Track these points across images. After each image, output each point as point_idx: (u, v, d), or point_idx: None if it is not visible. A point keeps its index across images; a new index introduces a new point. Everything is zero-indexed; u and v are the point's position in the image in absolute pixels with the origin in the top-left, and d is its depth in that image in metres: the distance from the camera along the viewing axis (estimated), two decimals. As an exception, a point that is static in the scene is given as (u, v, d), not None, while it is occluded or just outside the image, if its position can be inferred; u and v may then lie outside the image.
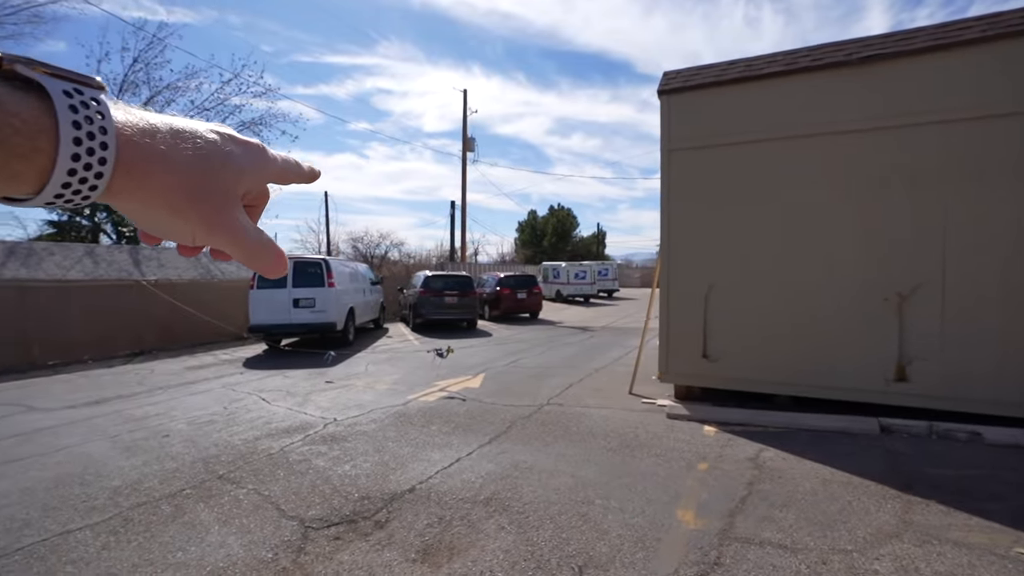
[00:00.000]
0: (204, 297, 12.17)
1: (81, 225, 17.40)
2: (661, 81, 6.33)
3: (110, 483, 3.92)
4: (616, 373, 7.79)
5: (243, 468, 4.19)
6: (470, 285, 15.14)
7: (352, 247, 36.64)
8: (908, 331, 5.09)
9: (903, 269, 5.11)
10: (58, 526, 3.27)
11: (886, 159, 5.18)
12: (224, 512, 3.42)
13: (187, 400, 6.63)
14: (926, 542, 2.88)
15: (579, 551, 2.87)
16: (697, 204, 6.04)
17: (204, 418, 5.71)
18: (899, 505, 3.34)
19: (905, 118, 5.09)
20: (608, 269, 31.02)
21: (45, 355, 9.52)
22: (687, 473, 3.96)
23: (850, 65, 5.30)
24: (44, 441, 5.01)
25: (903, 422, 4.85)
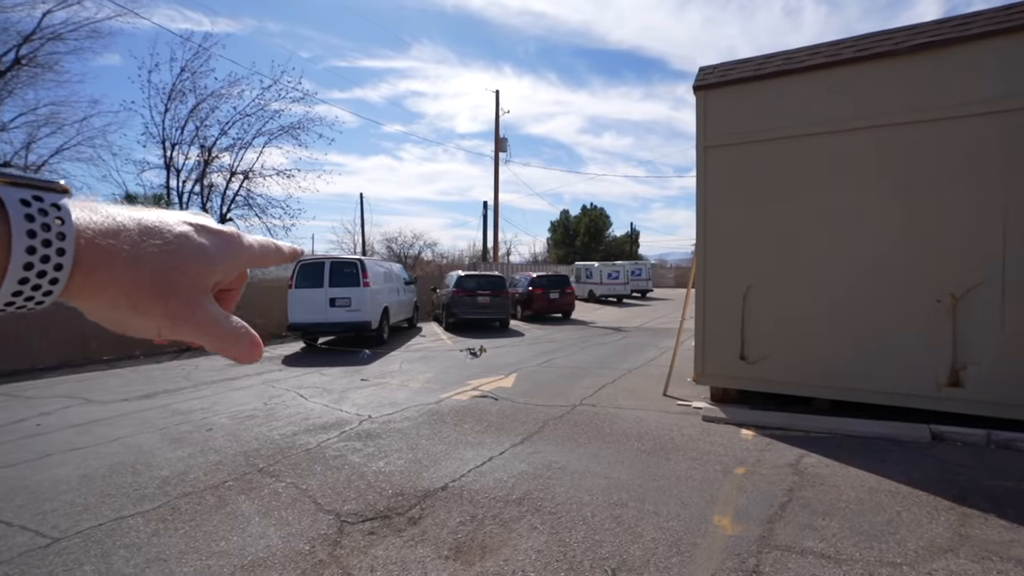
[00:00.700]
0: (245, 296, 12.52)
1: (132, 228, 18.38)
2: (697, 77, 6.20)
3: (159, 473, 4.11)
4: (650, 374, 7.67)
5: (282, 462, 4.31)
6: (503, 285, 15.18)
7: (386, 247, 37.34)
8: (963, 334, 4.81)
9: (957, 269, 4.84)
10: (113, 512, 3.45)
11: (939, 153, 4.92)
12: (264, 504, 3.53)
13: (229, 395, 6.89)
14: (985, 558, 2.72)
15: (612, 553, 2.83)
16: (734, 202, 5.88)
17: (245, 413, 5.92)
18: (954, 518, 3.16)
19: (960, 109, 4.82)
20: (642, 269, 30.54)
21: (101, 350, 10.08)
22: (724, 477, 3.86)
23: (899, 55, 5.06)
24: (100, 432, 5.29)
25: (957, 430, 4.60)
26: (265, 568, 2.78)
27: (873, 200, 5.20)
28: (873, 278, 5.19)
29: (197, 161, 20.61)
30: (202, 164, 20.50)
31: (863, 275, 5.24)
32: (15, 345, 9.10)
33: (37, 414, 6.08)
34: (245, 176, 20.93)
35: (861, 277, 5.25)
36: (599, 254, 46.88)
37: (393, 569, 2.76)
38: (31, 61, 17.24)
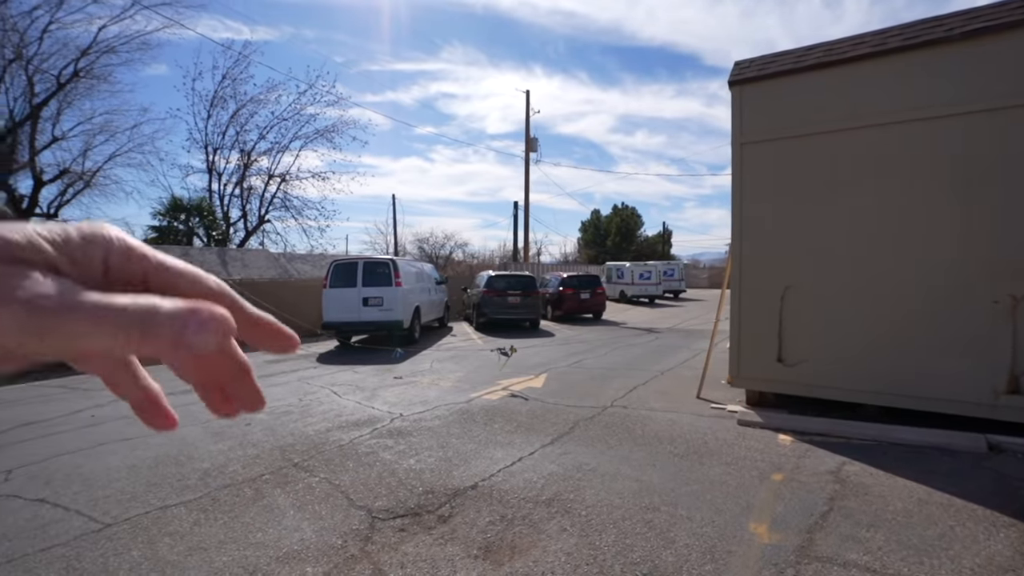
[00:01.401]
0: (282, 295, 13.02)
1: (178, 230, 19.21)
2: (732, 71, 6.03)
3: (200, 465, 4.26)
4: (683, 376, 7.51)
5: (316, 457, 4.41)
6: (533, 285, 15.16)
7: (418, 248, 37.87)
8: (1023, 338, 4.53)
9: (1019, 269, 4.55)
10: (158, 501, 3.60)
11: (996, 146, 4.63)
12: (298, 498, 3.61)
13: (266, 391, 6.96)
14: (1048, 577, 2.54)
15: (643, 559, 2.78)
16: (771, 200, 5.69)
17: (281, 409, 6.09)
18: (1015, 535, 2.97)
19: (1022, 97, 4.53)
20: (674, 269, 29.99)
21: (148, 347, 10.55)
22: (760, 484, 3.73)
23: (951, 42, 4.79)
24: (147, 424, 5.53)
25: (1018, 440, 4.32)
26: (299, 561, 2.85)
27: (923, 196, 4.95)
28: (923, 278, 4.94)
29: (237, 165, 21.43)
30: (242, 167, 21.29)
31: (911, 275, 4.99)
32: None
33: (92, 405, 6.40)
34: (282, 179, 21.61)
35: (909, 278, 5.00)
36: (630, 254, 46.30)
37: (423, 566, 2.78)
38: (88, 73, 18.28)
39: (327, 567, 2.78)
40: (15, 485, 3.94)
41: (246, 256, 14.46)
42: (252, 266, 13.97)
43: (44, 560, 2.89)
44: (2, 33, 16.26)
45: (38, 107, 17.65)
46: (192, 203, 19.91)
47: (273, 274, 14.06)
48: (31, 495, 3.74)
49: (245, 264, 13.93)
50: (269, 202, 21.71)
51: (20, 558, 2.91)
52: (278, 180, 21.63)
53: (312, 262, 16.34)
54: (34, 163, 18.49)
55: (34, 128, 18.25)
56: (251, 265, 14.01)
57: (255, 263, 14.19)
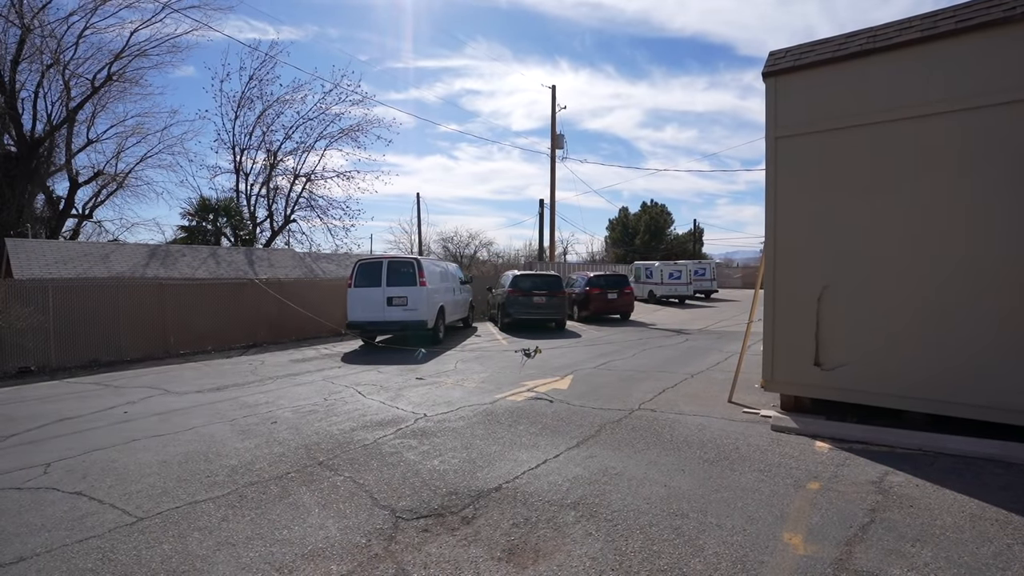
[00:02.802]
0: (308, 295, 13.26)
1: (206, 230, 19.75)
2: (767, 62, 5.82)
3: (228, 462, 4.33)
4: (714, 379, 7.31)
5: (340, 456, 4.43)
6: (559, 285, 15.05)
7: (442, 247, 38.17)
8: (1084, 341, 4.22)
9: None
10: (188, 496, 3.66)
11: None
12: (323, 496, 3.63)
13: (292, 390, 7.21)
14: (1118, 601, 2.34)
15: (671, 566, 2.67)
16: (808, 196, 5.47)
17: (307, 408, 6.16)
18: (1076, 552, 2.75)
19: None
20: (705, 268, 29.38)
21: (178, 344, 10.88)
22: (795, 492, 3.57)
23: (1012, 22, 4.48)
24: (177, 421, 5.68)
25: (1077, 451, 4.03)
26: (324, 558, 2.84)
27: (972, 190, 4.66)
28: (975, 278, 4.65)
29: (263, 165, 21.95)
30: (268, 168, 21.78)
31: (959, 273, 4.71)
32: (107, 339, 10.01)
33: (125, 402, 6.62)
34: (307, 178, 22.02)
35: (956, 275, 4.72)
36: (660, 253, 45.62)
37: (446, 567, 2.74)
38: (120, 77, 19.01)
39: (351, 565, 2.77)
40: (54, 478, 4.08)
41: (272, 256, 14.79)
42: (278, 266, 14.27)
43: (81, 551, 2.96)
44: (40, 39, 17.02)
45: (74, 111, 18.43)
46: (220, 203, 20.48)
47: (299, 274, 14.34)
48: (69, 488, 3.86)
49: (271, 264, 14.25)
50: (295, 202, 22.16)
51: (59, 548, 2.99)
52: (303, 180, 22.06)
53: (337, 261, 16.61)
54: (70, 165, 19.30)
55: (70, 131, 19.06)
56: (277, 265, 14.31)
57: (281, 263, 14.49)
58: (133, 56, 18.88)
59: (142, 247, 13.39)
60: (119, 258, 11.96)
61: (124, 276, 10.98)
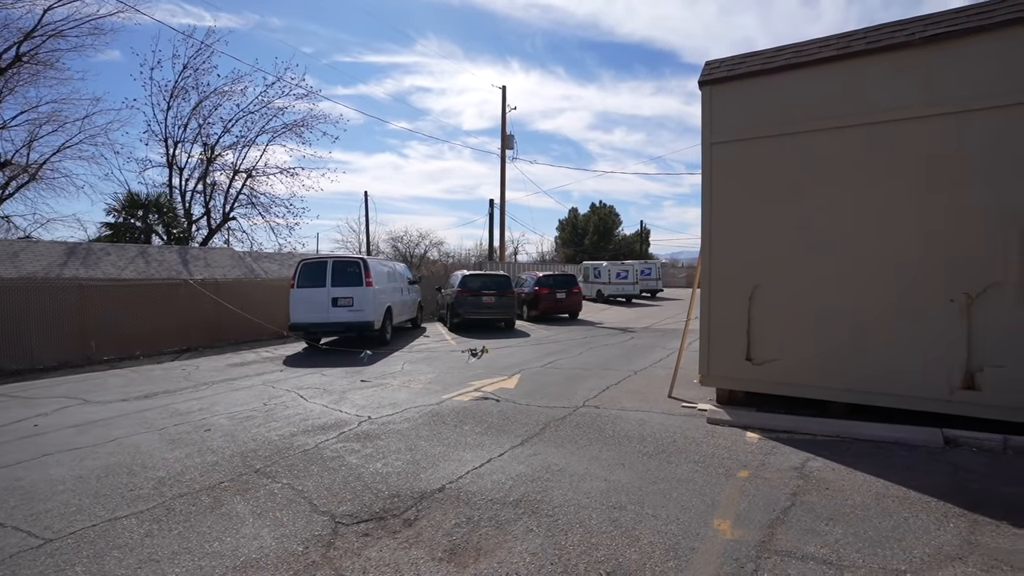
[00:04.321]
0: (248, 296, 12.68)
1: (135, 227, 18.42)
2: (703, 71, 6.10)
3: (155, 474, 4.09)
4: (656, 376, 7.58)
5: (279, 463, 4.28)
6: (508, 285, 15.13)
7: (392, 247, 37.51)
8: (977, 335, 4.68)
9: (972, 268, 4.70)
10: (107, 513, 3.43)
11: (956, 149, 4.78)
12: (259, 505, 3.50)
13: (229, 396, 6.89)
14: (994, 567, 2.62)
15: (608, 557, 2.76)
16: (741, 200, 5.78)
17: (244, 414, 5.91)
18: (964, 525, 3.06)
19: (979, 101, 4.66)
20: (651, 268, 30.34)
21: (101, 350, 10.13)
22: (726, 481, 3.77)
23: (912, 46, 4.92)
24: (98, 432, 5.30)
25: (972, 434, 4.47)
26: (257, 569, 2.75)
27: (886, 198, 5.07)
28: (884, 278, 5.06)
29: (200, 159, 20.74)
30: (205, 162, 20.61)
31: (874, 275, 5.11)
32: (14, 346, 9.16)
33: (35, 414, 6.10)
34: (248, 174, 21.01)
35: (872, 277, 5.12)
36: (608, 253, 46.71)
37: (386, 571, 2.71)
38: (32, 58, 17.38)
39: (287, 575, 2.69)
40: (-49, 498, 3.71)
41: (209, 255, 14.04)
42: (216, 265, 13.57)
43: (-23, 579, 2.72)
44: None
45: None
46: (151, 199, 19.13)
47: (238, 274, 13.69)
48: (-33, 509, 3.53)
49: (208, 263, 13.53)
50: (234, 199, 21.08)
51: (-51, 579, 2.73)
52: (244, 176, 21.02)
53: (280, 261, 15.98)
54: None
55: (-31, 117, 17.25)
56: (215, 264, 13.61)
57: (219, 262, 13.79)
58: (48, 36, 17.32)
59: (59, 245, 12.34)
60: (31, 257, 10.95)
61: (36, 277, 10.05)
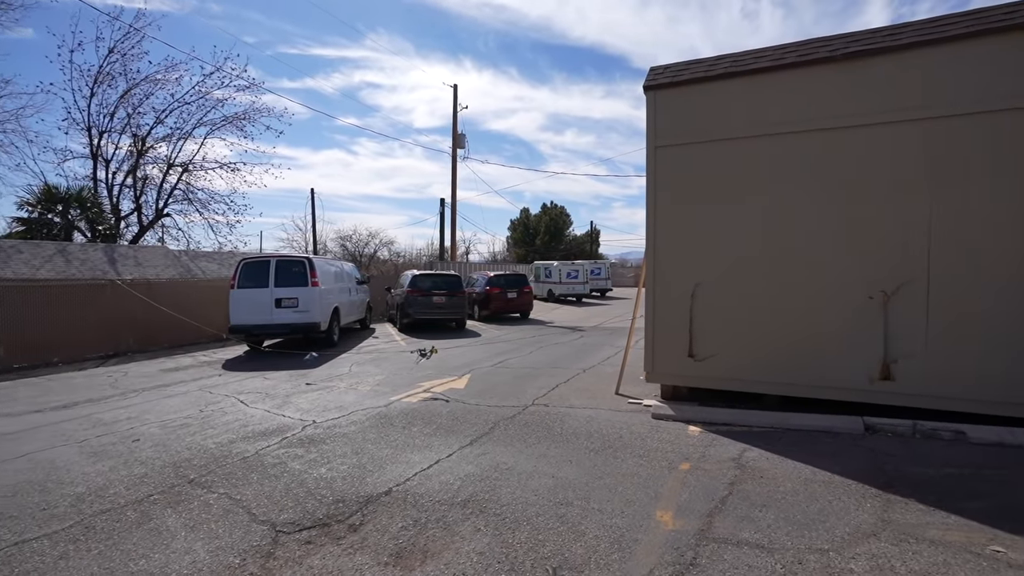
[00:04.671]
0: (184, 297, 11.97)
1: (53, 223, 16.96)
2: (648, 76, 6.29)
3: (73, 490, 3.79)
4: (604, 373, 7.74)
5: (215, 472, 4.07)
6: (459, 284, 15.05)
7: (340, 246, 36.46)
8: (893, 330, 5.07)
9: (888, 267, 5.09)
10: (13, 536, 3.14)
11: (872, 157, 5.16)
12: (192, 517, 3.31)
13: (161, 403, 6.49)
14: (903, 541, 2.84)
15: (554, 552, 2.80)
16: (683, 201, 5.99)
17: (178, 421, 5.58)
18: (879, 504, 3.31)
19: (891, 115, 5.07)
20: (601, 268, 31.00)
21: (11, 357, 9.25)
22: (669, 474, 3.90)
23: (836, 61, 5.27)
24: (4, 448, 4.84)
25: (888, 421, 4.83)
26: (188, 586, 2.60)
27: (813, 201, 5.40)
28: (812, 276, 5.39)
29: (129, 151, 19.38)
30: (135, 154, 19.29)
31: (803, 273, 5.43)
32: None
33: (-62, 428, 5.52)
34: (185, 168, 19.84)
35: (801, 275, 5.44)
36: (559, 253, 47.31)
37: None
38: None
39: (220, 590, 2.56)
40: None
41: (140, 254, 13.17)
42: (148, 265, 12.75)
43: None
44: None
45: None
46: (71, 192, 17.60)
47: (173, 273, 12.92)
48: None
49: (139, 262, 12.69)
50: (169, 194, 19.85)
51: None
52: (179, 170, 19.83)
53: (220, 260, 15.22)
54: None
55: None
56: (146, 264, 12.78)
57: (151, 261, 12.96)
58: (-55, 9, 15.70)
59: (-40, 242, 11.22)
60: (-76, 255, 9.91)
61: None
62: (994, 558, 2.67)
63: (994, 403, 4.67)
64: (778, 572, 2.57)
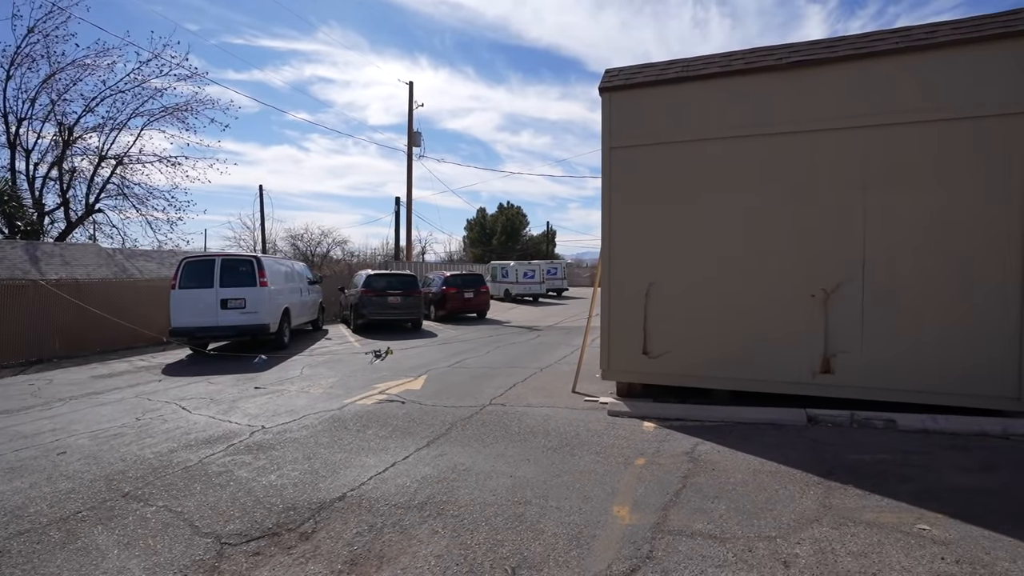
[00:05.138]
0: (119, 298, 11.22)
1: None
2: (603, 78, 6.38)
3: (-11, 507, 3.46)
4: (560, 372, 7.80)
5: (153, 484, 3.82)
6: (414, 284, 14.84)
7: (291, 245, 35.24)
8: (832, 326, 5.36)
9: (828, 267, 5.37)
10: (-82, 560, 2.84)
11: (815, 162, 5.43)
12: (127, 533, 3.09)
13: (92, 412, 6.05)
14: (842, 524, 3.00)
15: (513, 552, 2.78)
16: (637, 202, 6.12)
17: (111, 431, 5.22)
18: (820, 491, 3.48)
19: (829, 122, 5.35)
20: (557, 268, 31.33)
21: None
22: (625, 469, 3.97)
23: (780, 69, 5.52)
24: (-88, 462, 4.39)
25: (828, 412, 5.10)
26: (121, 607, 2.42)
27: (760, 203, 5.63)
28: (760, 275, 5.62)
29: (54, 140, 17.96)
30: (61, 145, 17.88)
31: (752, 272, 5.66)
32: None
33: None
34: (119, 161, 18.58)
35: (750, 274, 5.66)
36: (516, 253, 47.51)
37: (277, 593, 2.51)
38: None
39: (157, 610, 2.40)
40: None
41: (68, 252, 12.24)
42: (76, 264, 11.87)
43: None
44: None
45: None
46: None
47: (106, 273, 12.10)
48: None
49: (66, 261, 11.80)
50: (101, 188, 18.52)
51: None
52: (113, 162, 18.55)
53: (160, 259, 14.38)
54: None
55: None
56: (75, 263, 11.90)
57: (81, 260, 12.08)
58: None
59: None
60: None
61: None
62: (921, 535, 2.86)
63: (920, 392, 5.03)
64: (730, 560, 2.65)
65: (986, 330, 4.86)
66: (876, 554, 2.68)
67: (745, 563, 2.62)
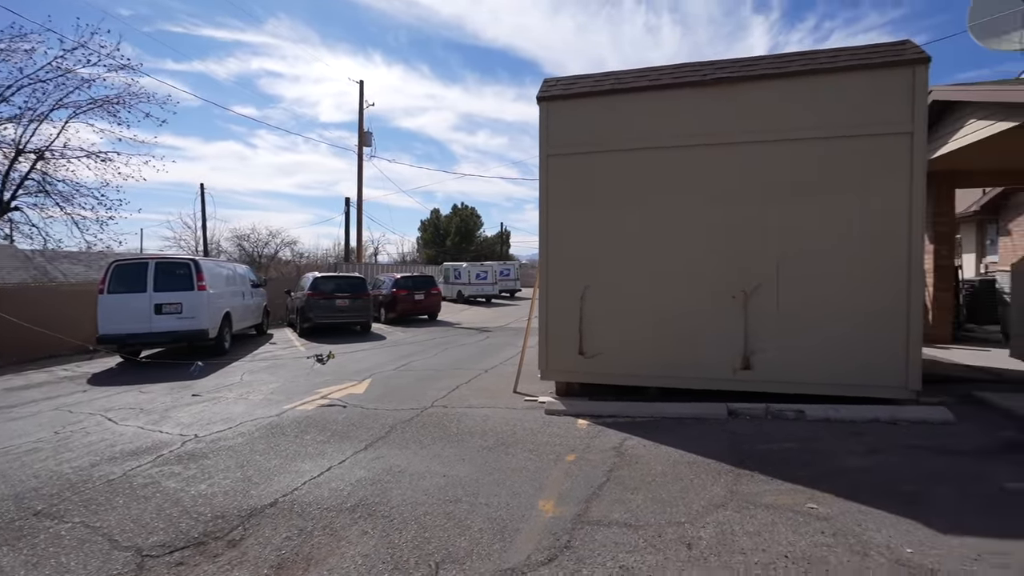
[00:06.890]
0: (38, 304, 10.54)
1: None
2: (541, 88, 6.59)
3: None
4: (504, 373, 7.95)
5: (70, 500, 3.69)
6: (363, 287, 14.66)
7: (237, 246, 33.87)
8: (751, 325, 5.75)
9: (747, 270, 5.77)
10: None
11: (734, 171, 5.82)
12: (36, 553, 2.99)
13: (2, 427, 5.71)
14: (744, 508, 3.29)
15: (439, 548, 2.89)
16: (573, 208, 6.35)
17: (24, 447, 4.95)
18: (730, 479, 3.77)
19: (749, 135, 5.75)
20: (510, 269, 31.57)
21: None
22: (555, 465, 4.15)
23: (705, 85, 5.88)
24: None
25: (747, 406, 5.47)
26: (30, 625, 2.36)
27: (685, 210, 5.98)
28: (686, 278, 5.97)
29: (-42, 131, 16.51)
30: (-34, 136, 16.46)
31: (678, 275, 5.99)
32: None
33: None
34: (39, 156, 17.31)
35: (676, 277, 6.00)
36: (470, 254, 47.44)
37: (199, 601, 2.52)
38: None
39: (70, 625, 2.36)
40: None
41: (-19, 255, 11.39)
42: (-9, 268, 11.06)
43: None
44: None
45: None
46: None
47: (24, 276, 11.36)
48: None
49: (-21, 265, 10.97)
50: (19, 184, 17.12)
51: None
52: (32, 157, 17.26)
53: (88, 262, 13.58)
54: None
55: None
56: (-11, 267, 11.08)
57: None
58: None
59: None
60: None
61: None
62: (808, 513, 3.18)
63: (825, 384, 5.50)
64: (640, 546, 2.86)
65: (881, 327, 5.37)
66: (768, 532, 2.96)
67: (653, 547, 2.84)
